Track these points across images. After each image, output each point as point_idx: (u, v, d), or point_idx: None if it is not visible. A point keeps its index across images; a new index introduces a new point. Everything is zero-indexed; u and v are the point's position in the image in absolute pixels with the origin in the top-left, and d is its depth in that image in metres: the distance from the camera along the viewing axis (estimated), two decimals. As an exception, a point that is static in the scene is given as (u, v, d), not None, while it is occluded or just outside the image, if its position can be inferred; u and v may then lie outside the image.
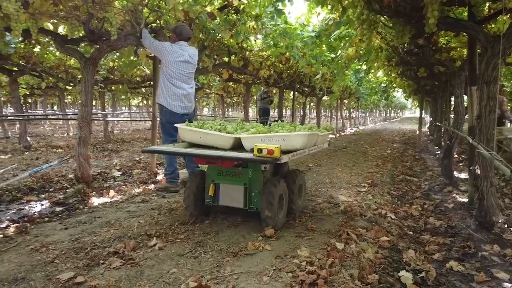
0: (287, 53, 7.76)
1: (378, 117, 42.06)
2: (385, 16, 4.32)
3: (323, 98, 17.05)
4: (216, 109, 32.93)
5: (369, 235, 3.46)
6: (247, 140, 3.48)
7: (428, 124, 18.87)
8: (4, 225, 3.70)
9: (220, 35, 6.11)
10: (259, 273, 2.58)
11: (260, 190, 3.45)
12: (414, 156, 10.14)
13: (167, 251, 2.97)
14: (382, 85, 16.55)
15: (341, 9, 4.45)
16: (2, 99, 17.66)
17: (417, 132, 13.20)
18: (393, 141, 14.81)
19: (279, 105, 12.73)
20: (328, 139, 4.40)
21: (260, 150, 3.05)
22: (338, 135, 17.33)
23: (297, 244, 3.12)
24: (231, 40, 7.01)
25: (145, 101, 25.96)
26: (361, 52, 6.37)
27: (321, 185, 5.59)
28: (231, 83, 13.27)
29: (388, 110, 48.71)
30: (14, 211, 4.26)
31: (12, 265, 2.70)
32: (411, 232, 3.98)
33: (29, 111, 23.54)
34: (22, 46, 7.08)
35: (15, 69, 8.69)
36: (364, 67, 10.33)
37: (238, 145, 3.64)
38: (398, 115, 64.08)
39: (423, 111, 12.81)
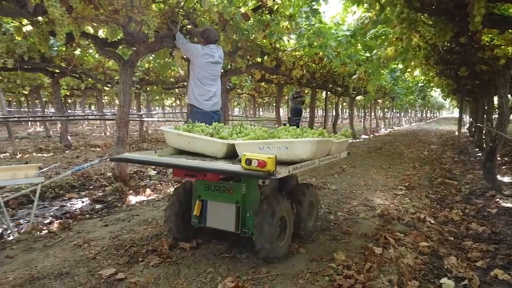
0: (321, 53, 7.67)
1: (413, 117, 40.82)
2: (425, 14, 4.17)
3: (356, 98, 16.74)
4: (247, 109, 33.11)
5: (407, 240, 3.36)
6: (241, 147, 2.84)
7: (468, 125, 18.11)
8: (48, 221, 3.88)
9: (253, 35, 6.12)
10: (295, 275, 2.56)
11: (256, 210, 2.79)
12: (453, 158, 9.75)
13: (203, 250, 3.00)
14: (419, 84, 16.05)
15: (378, 8, 4.36)
16: (44, 99, 18.56)
17: (456, 133, 12.70)
18: (430, 142, 14.33)
19: (311, 105, 12.63)
20: (347, 145, 3.62)
21: (248, 161, 2.40)
22: (372, 135, 16.98)
23: (333, 247, 3.08)
24: (264, 41, 7.02)
25: (178, 102, 26.49)
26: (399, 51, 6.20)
27: (356, 187, 5.49)
28: (263, 83, 13.27)
29: (424, 110, 47.15)
30: (57, 207, 4.46)
31: (57, 260, 2.82)
32: (452, 238, 3.83)
33: (68, 110, 24.58)
34: (64, 49, 7.40)
35: (57, 71, 9.11)
36: (400, 66, 10.04)
37: (233, 153, 2.99)
38: (434, 115, 61.83)
39: (462, 112, 12.31)
